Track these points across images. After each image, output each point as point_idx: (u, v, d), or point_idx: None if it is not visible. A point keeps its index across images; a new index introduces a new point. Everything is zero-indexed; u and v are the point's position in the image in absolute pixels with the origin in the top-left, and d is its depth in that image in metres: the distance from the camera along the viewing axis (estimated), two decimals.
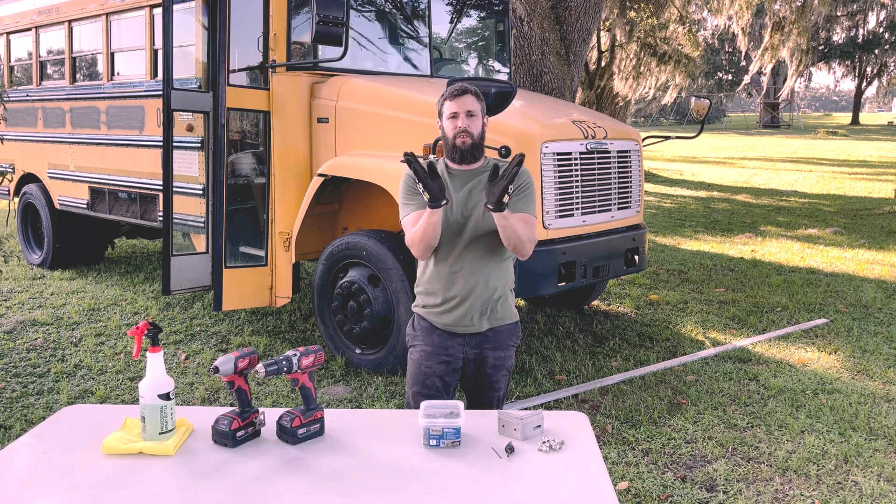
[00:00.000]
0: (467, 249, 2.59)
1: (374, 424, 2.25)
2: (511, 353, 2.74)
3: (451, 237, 2.60)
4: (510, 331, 2.71)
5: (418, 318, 2.73)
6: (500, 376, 2.72)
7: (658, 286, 7.15)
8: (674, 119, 53.02)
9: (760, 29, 20.52)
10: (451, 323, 2.63)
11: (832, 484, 3.39)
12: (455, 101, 2.58)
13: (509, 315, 2.71)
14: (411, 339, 2.74)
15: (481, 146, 2.63)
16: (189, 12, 5.18)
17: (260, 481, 1.86)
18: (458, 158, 2.61)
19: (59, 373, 4.80)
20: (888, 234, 10.18)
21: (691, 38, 14.05)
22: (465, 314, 2.61)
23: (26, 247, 8.02)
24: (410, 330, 2.76)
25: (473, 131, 2.58)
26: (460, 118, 2.57)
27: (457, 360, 2.67)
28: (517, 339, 2.76)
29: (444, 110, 2.62)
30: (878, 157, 23.78)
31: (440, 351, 2.65)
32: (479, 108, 2.61)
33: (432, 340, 2.66)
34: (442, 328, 2.65)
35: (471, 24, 6.42)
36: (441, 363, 2.65)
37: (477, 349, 2.66)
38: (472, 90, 2.60)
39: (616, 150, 5.02)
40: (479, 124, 2.61)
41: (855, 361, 5.02)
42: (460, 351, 2.66)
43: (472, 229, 2.58)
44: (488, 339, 2.67)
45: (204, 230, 5.23)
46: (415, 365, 2.70)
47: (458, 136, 2.58)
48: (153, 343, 2.08)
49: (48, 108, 7.24)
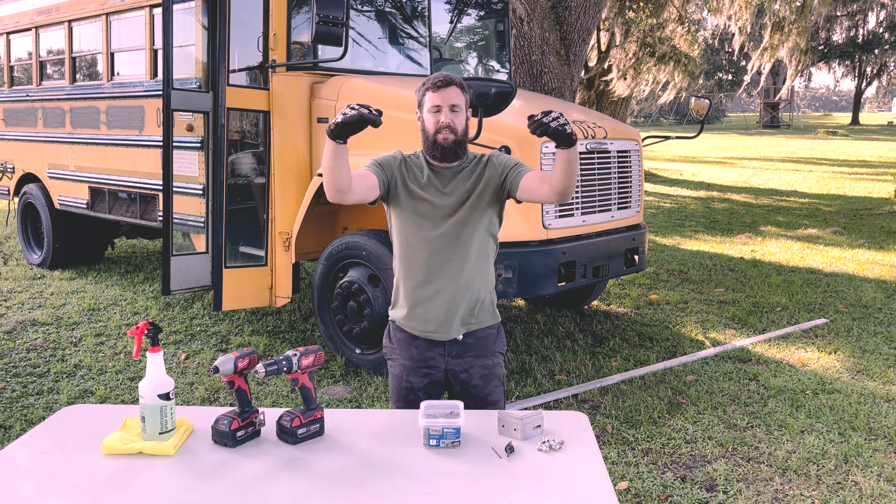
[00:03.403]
0: (448, 248, 2.42)
1: (374, 424, 2.24)
2: (499, 361, 2.54)
3: (432, 234, 2.42)
4: (493, 336, 2.53)
5: (394, 328, 2.55)
6: (492, 387, 2.52)
7: (658, 286, 7.15)
8: (674, 119, 53.02)
9: (760, 29, 20.52)
10: (428, 329, 2.45)
11: (832, 484, 3.39)
12: (438, 92, 2.37)
13: (489, 318, 2.52)
14: (389, 352, 2.56)
15: (464, 143, 2.44)
16: (189, 12, 5.18)
17: (260, 481, 1.86)
18: (440, 156, 2.41)
19: (59, 373, 4.80)
20: (888, 234, 10.18)
21: (691, 37, 14.06)
22: (444, 318, 2.43)
23: (26, 247, 8.02)
24: (387, 342, 2.57)
25: (457, 127, 2.38)
26: (443, 112, 2.37)
27: (438, 373, 2.49)
28: (503, 344, 2.57)
29: (426, 101, 2.40)
30: (878, 157, 23.78)
31: (420, 364, 2.48)
32: (463, 101, 2.40)
33: (411, 353, 2.49)
34: (420, 336, 2.47)
35: (471, 23, 6.42)
36: (422, 377, 2.49)
37: (459, 358, 2.48)
38: (456, 81, 2.39)
39: (616, 150, 5.02)
40: (463, 119, 2.41)
41: (855, 361, 5.02)
42: (441, 362, 2.48)
43: (454, 226, 2.41)
44: (470, 347, 2.48)
45: (204, 230, 5.23)
46: (395, 380, 2.54)
47: (440, 132, 2.38)
48: (153, 343, 2.08)
49: (48, 108, 7.24)
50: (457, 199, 2.43)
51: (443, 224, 2.43)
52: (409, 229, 2.47)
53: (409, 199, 2.45)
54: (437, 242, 2.43)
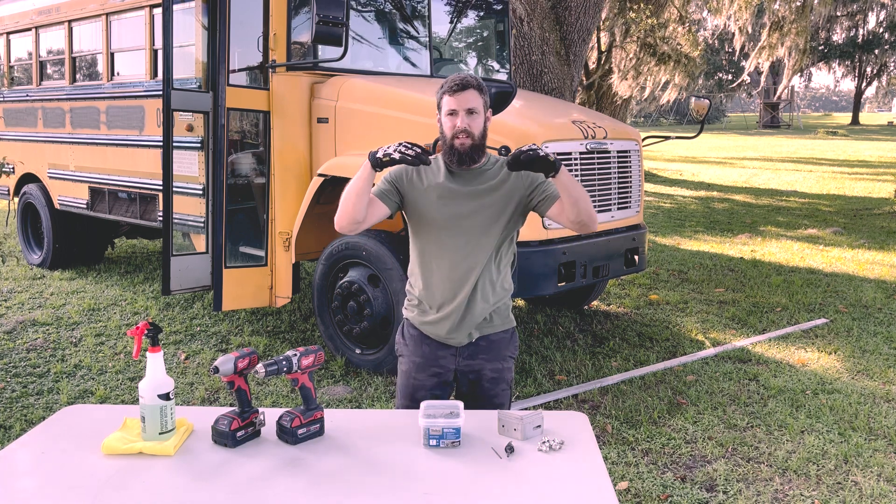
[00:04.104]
0: (465, 251, 2.39)
1: (374, 424, 2.24)
2: (510, 366, 2.53)
3: (450, 237, 2.39)
4: (506, 340, 2.50)
5: (408, 326, 2.54)
6: (499, 390, 2.50)
7: (658, 286, 7.15)
8: (674, 119, 53.01)
9: (760, 29, 20.54)
10: (441, 332, 2.44)
11: (832, 484, 3.39)
12: (455, 96, 2.32)
13: (504, 322, 2.50)
14: (400, 349, 2.56)
15: (482, 147, 2.38)
16: (189, 12, 5.18)
17: (260, 481, 1.86)
18: (457, 161, 2.36)
19: (59, 373, 4.80)
20: (888, 234, 10.18)
21: (691, 37, 14.06)
22: (458, 324, 2.41)
23: (26, 247, 8.02)
24: (399, 338, 2.57)
25: (474, 131, 2.33)
26: (459, 116, 2.32)
27: (448, 373, 2.48)
28: (515, 349, 2.55)
29: (443, 105, 2.36)
30: (878, 157, 23.79)
31: (430, 363, 2.47)
32: (481, 103, 2.35)
33: (422, 352, 2.48)
34: (433, 337, 2.46)
35: (471, 24, 6.42)
36: (431, 376, 2.48)
37: (470, 360, 2.46)
38: (474, 83, 2.34)
39: (616, 150, 5.02)
40: (481, 122, 2.36)
41: (855, 361, 5.02)
42: (452, 363, 2.47)
43: (472, 230, 2.38)
44: (482, 350, 2.46)
45: (204, 230, 5.23)
46: (404, 377, 2.53)
47: (456, 137, 2.33)
48: (153, 343, 2.08)
49: (48, 108, 7.24)
50: (477, 203, 2.39)
51: (461, 228, 2.39)
52: (427, 233, 2.44)
53: (424, 205, 2.42)
54: (454, 247, 2.40)
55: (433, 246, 2.43)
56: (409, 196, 2.43)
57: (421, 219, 2.44)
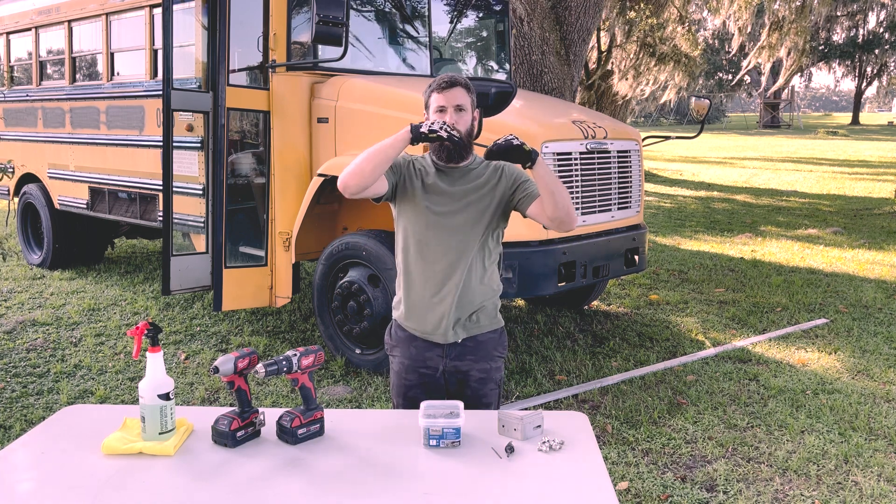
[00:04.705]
0: (452, 249, 2.41)
1: (374, 424, 2.25)
2: (499, 365, 2.54)
3: (435, 235, 2.41)
4: (494, 340, 2.52)
5: (396, 326, 2.56)
6: (487, 390, 2.52)
7: (658, 286, 7.15)
8: (674, 119, 53.00)
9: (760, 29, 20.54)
10: (427, 330, 2.46)
11: (832, 484, 3.39)
12: (444, 93, 2.37)
13: (491, 323, 2.51)
14: (390, 349, 2.58)
15: (469, 144, 2.43)
16: (189, 12, 5.18)
17: (260, 481, 1.86)
18: (445, 157, 2.42)
19: (59, 373, 4.80)
20: (888, 234, 10.18)
21: (691, 37, 14.06)
22: (443, 322, 2.43)
23: (26, 247, 8.02)
24: (388, 339, 2.59)
25: (461, 128, 2.37)
26: (448, 113, 2.36)
27: (436, 372, 2.50)
28: (504, 349, 2.56)
29: (431, 103, 2.41)
30: (878, 157, 23.79)
31: (418, 363, 2.49)
32: (468, 101, 2.40)
33: (410, 353, 2.50)
34: (420, 336, 2.48)
35: (470, 24, 6.42)
36: (420, 375, 2.50)
37: (457, 361, 2.48)
38: (461, 82, 2.39)
39: (616, 150, 5.02)
40: (469, 119, 2.40)
41: (855, 361, 5.02)
42: (439, 363, 2.48)
43: (459, 228, 2.41)
44: (469, 351, 2.48)
45: (204, 230, 5.23)
46: (396, 376, 2.56)
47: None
48: (153, 343, 2.08)
49: (48, 108, 7.24)
50: (463, 201, 2.42)
51: (447, 226, 2.42)
52: (412, 230, 2.46)
53: (413, 200, 2.44)
54: (440, 244, 2.42)
55: (418, 241, 2.45)
56: (404, 185, 2.44)
57: (407, 212, 2.46)
